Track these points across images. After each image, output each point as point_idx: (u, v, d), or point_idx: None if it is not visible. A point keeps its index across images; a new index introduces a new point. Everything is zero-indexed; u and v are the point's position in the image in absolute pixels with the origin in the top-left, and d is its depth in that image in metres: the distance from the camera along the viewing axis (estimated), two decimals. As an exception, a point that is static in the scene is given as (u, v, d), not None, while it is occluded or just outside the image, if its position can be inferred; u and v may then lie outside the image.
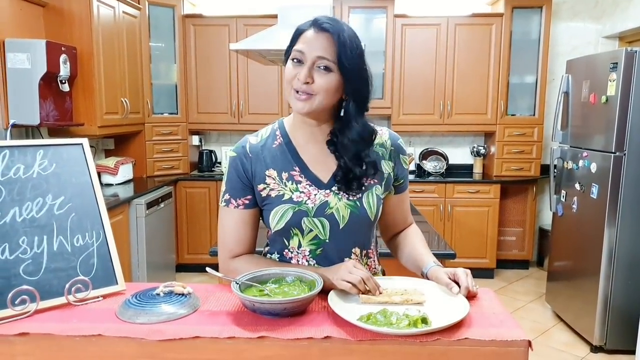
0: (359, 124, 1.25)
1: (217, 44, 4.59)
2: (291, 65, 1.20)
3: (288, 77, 1.20)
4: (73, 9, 3.50)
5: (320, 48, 1.16)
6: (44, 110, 3.16)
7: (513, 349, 0.97)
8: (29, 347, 1.00)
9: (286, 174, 1.26)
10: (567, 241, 3.63)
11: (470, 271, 1.19)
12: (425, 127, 4.75)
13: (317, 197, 1.24)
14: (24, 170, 1.16)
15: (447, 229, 4.53)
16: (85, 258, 1.18)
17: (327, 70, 1.17)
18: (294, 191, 1.24)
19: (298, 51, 1.18)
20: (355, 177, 1.24)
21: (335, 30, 1.17)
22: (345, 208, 1.25)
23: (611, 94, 3.09)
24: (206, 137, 5.13)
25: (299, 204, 1.23)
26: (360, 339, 0.97)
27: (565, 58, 3.97)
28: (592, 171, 3.26)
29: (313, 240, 1.26)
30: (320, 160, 1.28)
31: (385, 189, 1.32)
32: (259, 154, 1.27)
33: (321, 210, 1.24)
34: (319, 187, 1.25)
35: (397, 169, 1.36)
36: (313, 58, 1.17)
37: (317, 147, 1.28)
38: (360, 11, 4.61)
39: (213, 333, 0.99)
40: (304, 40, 1.19)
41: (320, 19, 1.19)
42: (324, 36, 1.17)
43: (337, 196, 1.25)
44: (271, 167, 1.26)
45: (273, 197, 1.25)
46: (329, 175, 1.26)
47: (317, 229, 1.25)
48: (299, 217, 1.23)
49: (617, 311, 3.14)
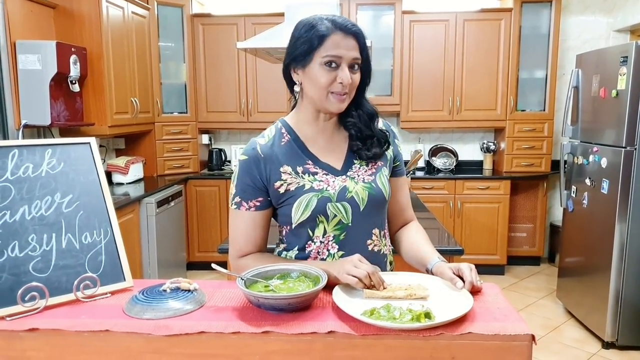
0: (368, 103, 1.37)
1: (226, 43, 4.61)
2: (324, 70, 1.22)
3: (324, 82, 1.22)
4: (83, 10, 3.54)
5: (354, 50, 1.23)
6: (54, 111, 3.21)
7: (516, 344, 0.97)
8: (38, 342, 1.02)
9: (301, 168, 1.29)
10: (578, 237, 3.60)
11: (474, 266, 1.19)
12: (435, 124, 4.73)
13: (336, 183, 1.29)
14: (33, 169, 1.18)
15: (457, 226, 4.51)
16: (93, 255, 1.20)
17: (356, 69, 1.26)
18: (313, 181, 1.28)
19: (333, 56, 1.22)
20: (369, 135, 1.34)
21: (359, 31, 1.25)
22: (363, 190, 1.30)
23: (621, 88, 3.05)
24: (216, 135, 5.16)
25: (322, 191, 1.27)
26: (364, 334, 0.98)
27: (575, 52, 3.93)
28: (603, 166, 3.23)
29: (337, 225, 1.29)
30: (330, 150, 1.34)
31: (389, 171, 1.39)
32: (271, 153, 1.29)
33: (342, 195, 1.28)
34: (335, 174, 1.31)
35: (394, 151, 1.43)
36: (349, 60, 1.23)
37: (325, 138, 1.34)
38: (368, 8, 4.60)
39: (218, 328, 1.00)
40: (336, 45, 1.21)
41: (343, 22, 1.24)
42: (352, 38, 1.23)
43: (354, 180, 1.31)
44: (285, 164, 1.29)
45: (293, 190, 1.27)
46: (341, 163, 1.33)
47: (340, 214, 1.28)
48: (323, 203, 1.26)
49: (629, 307, 3.11)
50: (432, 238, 2.48)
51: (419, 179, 4.56)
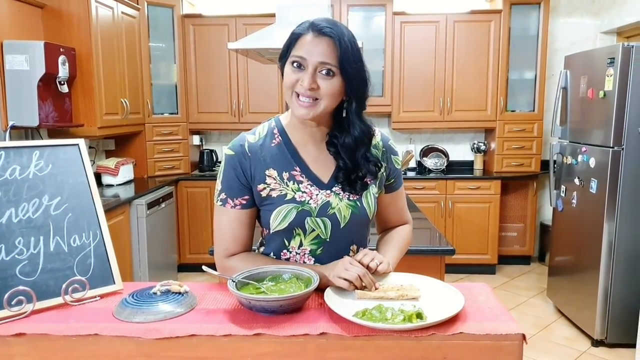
0: (361, 122, 1.26)
1: (217, 44, 4.59)
2: (291, 70, 1.19)
3: (289, 82, 1.19)
4: (71, 10, 3.50)
5: (321, 54, 1.15)
6: (43, 112, 3.17)
7: (507, 343, 0.97)
8: (26, 347, 1.00)
9: (287, 174, 1.25)
10: (567, 236, 3.63)
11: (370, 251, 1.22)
12: (426, 124, 4.75)
13: (319, 197, 1.25)
14: (20, 171, 1.17)
15: (448, 226, 4.53)
16: (82, 258, 1.18)
17: (329, 75, 1.17)
18: (296, 191, 1.24)
19: (298, 57, 1.17)
20: (358, 177, 1.26)
21: (336, 34, 1.15)
22: (346, 208, 1.26)
23: (609, 89, 3.08)
24: (207, 136, 5.14)
25: (302, 204, 1.23)
26: (356, 335, 0.98)
27: (563, 54, 3.96)
28: (591, 166, 3.26)
29: (314, 239, 1.27)
30: (320, 160, 1.28)
31: (378, 189, 1.34)
32: (258, 154, 1.26)
33: (324, 210, 1.24)
34: (320, 187, 1.26)
35: (389, 169, 1.36)
36: (315, 64, 1.16)
37: (316, 147, 1.28)
38: (359, 9, 4.61)
39: (209, 331, 1.00)
40: (303, 45, 1.16)
41: (319, 23, 1.17)
42: (324, 41, 1.15)
43: (338, 196, 1.26)
44: (271, 167, 1.25)
45: (274, 197, 1.24)
46: (329, 176, 1.27)
47: (319, 229, 1.25)
48: (302, 217, 1.23)
49: (618, 305, 3.13)
50: (424, 238, 2.50)
51: (410, 179, 4.57)
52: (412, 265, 2.27)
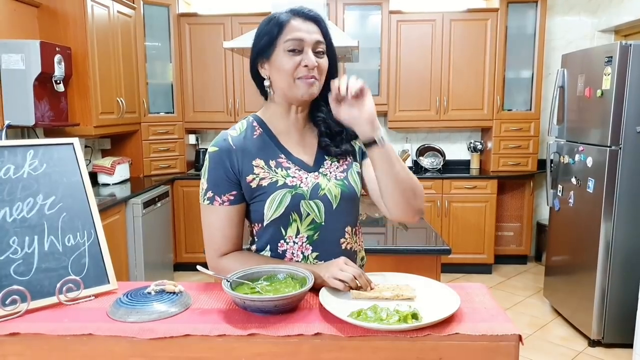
0: None
1: (213, 43, 4.58)
2: (287, 56, 1.21)
3: (289, 67, 1.20)
4: (67, 9, 3.49)
5: (316, 33, 1.23)
6: (39, 111, 3.16)
7: (503, 344, 0.97)
8: (19, 347, 1.00)
9: (274, 162, 1.27)
10: (564, 236, 3.63)
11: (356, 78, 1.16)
12: (422, 124, 4.74)
13: (309, 180, 1.27)
14: (14, 170, 1.16)
15: (444, 225, 4.53)
16: (76, 258, 1.18)
17: (323, 53, 1.24)
18: (285, 177, 1.25)
19: (296, 39, 1.20)
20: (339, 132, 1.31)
21: (318, 16, 1.25)
22: (335, 187, 1.29)
23: (606, 88, 3.08)
24: (202, 135, 5.13)
25: (295, 188, 1.25)
26: (351, 335, 0.98)
27: (560, 52, 3.97)
28: (588, 165, 3.26)
29: (310, 225, 1.27)
30: (302, 145, 1.32)
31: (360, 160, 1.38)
32: (243, 145, 1.26)
33: (315, 192, 1.26)
34: (308, 170, 1.29)
35: None
36: (313, 43, 1.21)
37: (297, 133, 1.32)
38: (355, 7, 4.61)
39: (204, 331, 0.99)
40: (296, 29, 1.21)
41: (300, 9, 1.24)
42: (312, 23, 1.23)
43: (326, 177, 1.29)
44: (257, 157, 1.26)
45: (266, 185, 1.24)
46: (313, 159, 1.31)
47: (313, 212, 1.26)
48: (297, 200, 1.24)
49: (614, 305, 3.14)
50: (420, 238, 2.50)
51: (407, 178, 4.56)
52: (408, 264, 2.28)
